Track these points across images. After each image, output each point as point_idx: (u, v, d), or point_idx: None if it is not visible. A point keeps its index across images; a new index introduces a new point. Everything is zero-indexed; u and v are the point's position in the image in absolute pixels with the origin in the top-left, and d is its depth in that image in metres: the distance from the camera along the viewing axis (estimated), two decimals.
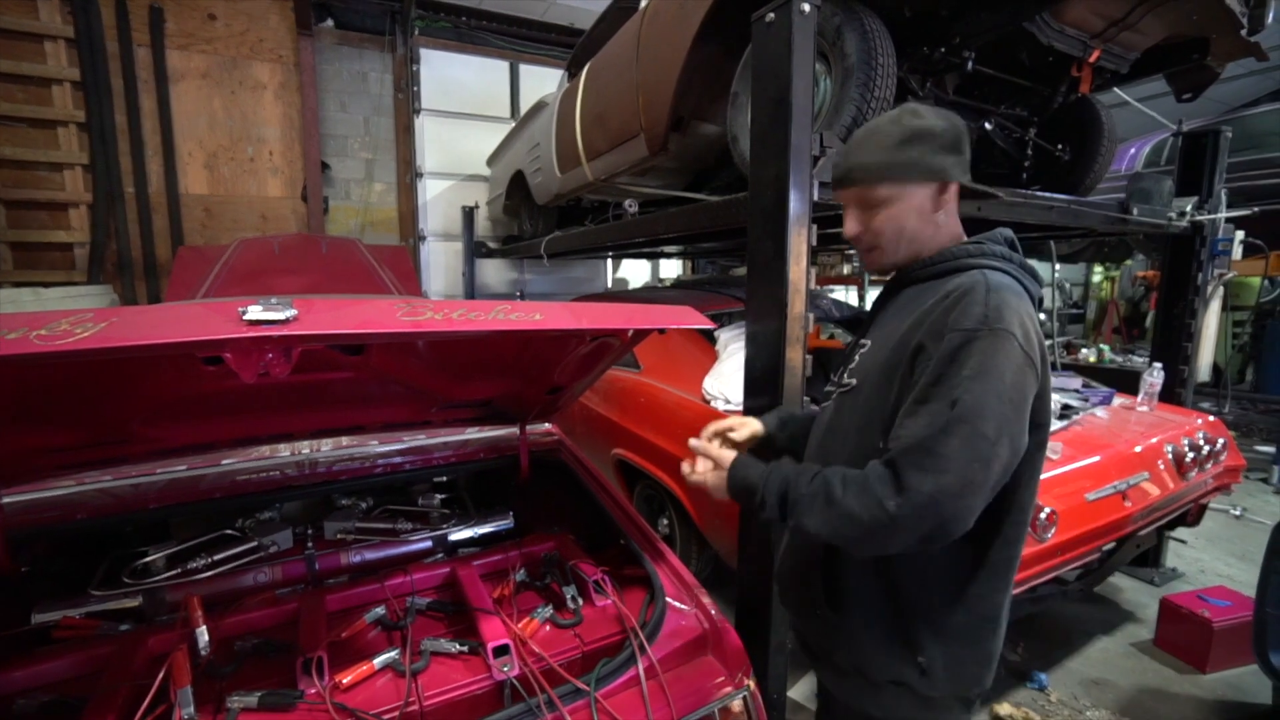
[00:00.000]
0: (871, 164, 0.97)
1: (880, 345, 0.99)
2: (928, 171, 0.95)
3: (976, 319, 0.83)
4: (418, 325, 0.88)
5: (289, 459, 1.72)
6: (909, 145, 0.94)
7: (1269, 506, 3.78)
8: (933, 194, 0.97)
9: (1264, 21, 1.95)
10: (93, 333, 0.72)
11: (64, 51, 4.42)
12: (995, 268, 0.93)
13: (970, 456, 0.78)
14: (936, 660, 0.94)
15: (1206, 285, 2.88)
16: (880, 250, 1.02)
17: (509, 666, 1.12)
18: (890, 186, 0.96)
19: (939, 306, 0.89)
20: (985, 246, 0.96)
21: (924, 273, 0.99)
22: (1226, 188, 2.91)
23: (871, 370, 0.98)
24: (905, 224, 0.98)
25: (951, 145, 0.95)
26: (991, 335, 0.82)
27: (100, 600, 1.32)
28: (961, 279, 0.91)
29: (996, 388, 0.80)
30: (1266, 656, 1.79)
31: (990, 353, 0.81)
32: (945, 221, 0.99)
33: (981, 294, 0.85)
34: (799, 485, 0.91)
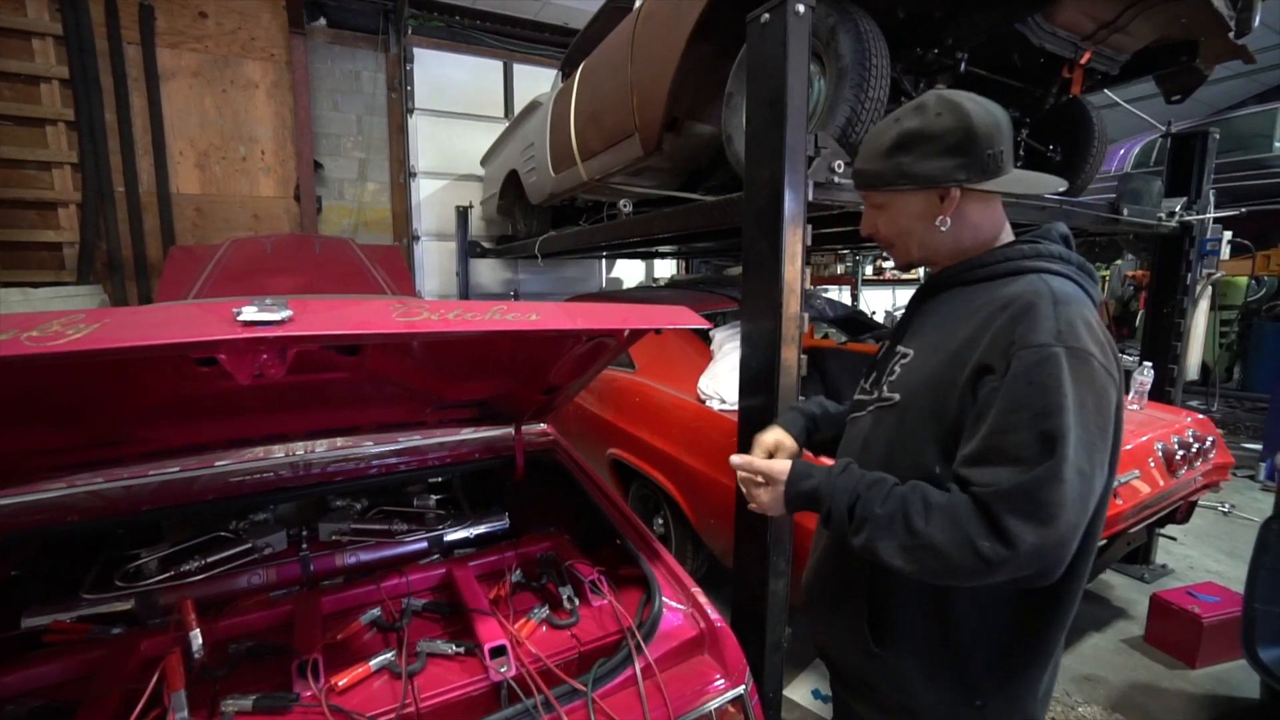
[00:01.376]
0: (864, 171, 0.95)
1: (926, 357, 0.91)
2: (918, 179, 0.89)
3: (1049, 334, 0.76)
4: (414, 326, 0.88)
5: (283, 460, 1.71)
6: (897, 152, 0.90)
7: (1256, 503, 3.83)
8: (934, 200, 0.90)
9: (1251, 24, 1.97)
10: (85, 334, 0.71)
11: (52, 49, 4.37)
12: (1055, 271, 0.86)
13: (1073, 500, 0.72)
14: (993, 702, 0.88)
15: (1195, 285, 2.92)
16: (894, 249, 1.00)
17: (506, 667, 1.11)
18: (882, 194, 0.94)
19: (999, 318, 0.81)
20: (1042, 247, 0.88)
21: (972, 275, 0.91)
22: (1214, 188, 2.94)
23: (918, 386, 0.89)
24: (907, 228, 0.94)
25: (954, 147, 0.87)
26: (1070, 356, 0.75)
27: (92, 604, 1.30)
28: (1019, 285, 0.83)
29: (1086, 418, 0.74)
30: (1255, 651, 1.81)
31: (1073, 377, 0.74)
32: (963, 225, 0.91)
33: (1049, 306, 0.78)
34: (870, 501, 0.81)
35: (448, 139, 5.58)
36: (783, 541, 1.64)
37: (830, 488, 0.87)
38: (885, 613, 0.93)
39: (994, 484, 0.74)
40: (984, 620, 0.87)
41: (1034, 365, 0.75)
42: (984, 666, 0.88)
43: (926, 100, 0.91)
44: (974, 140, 0.87)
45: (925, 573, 0.79)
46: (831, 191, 1.62)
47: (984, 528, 0.73)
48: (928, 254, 0.97)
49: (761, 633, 1.67)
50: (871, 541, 0.81)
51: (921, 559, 0.77)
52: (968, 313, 0.87)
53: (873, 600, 0.93)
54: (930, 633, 0.89)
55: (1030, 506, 0.72)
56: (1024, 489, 0.72)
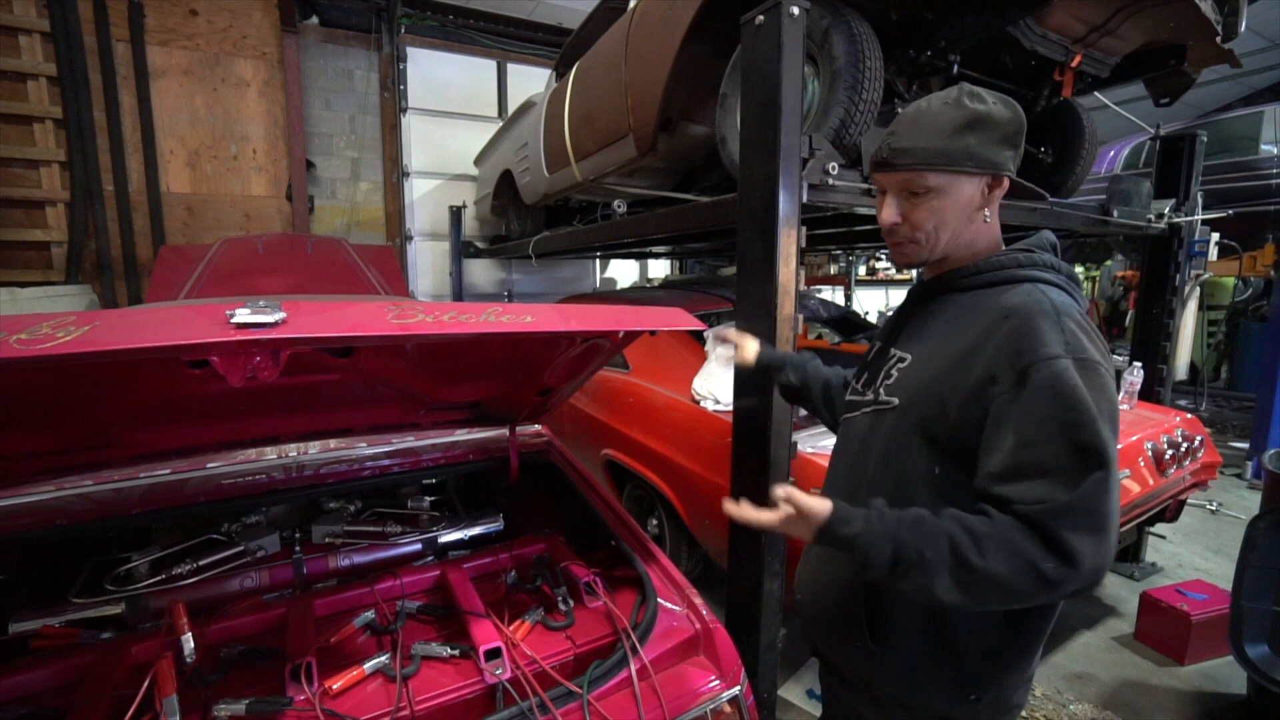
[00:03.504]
0: (924, 149, 0.86)
1: (926, 362, 0.91)
2: (984, 163, 0.86)
3: (1058, 347, 0.78)
4: (408, 328, 0.88)
5: (275, 462, 1.70)
6: (967, 132, 0.85)
7: (1243, 501, 3.87)
8: (984, 188, 0.89)
9: (1237, 29, 2.00)
10: (75, 336, 0.70)
11: (39, 46, 4.32)
12: (1050, 281, 0.87)
13: (1116, 507, 0.75)
14: (988, 694, 0.91)
15: (1184, 285, 2.95)
16: (917, 245, 0.93)
17: (501, 669, 1.11)
18: (941, 176, 0.87)
19: (1002, 328, 0.82)
20: (1036, 255, 0.89)
21: (970, 282, 0.91)
22: (1202, 190, 2.97)
23: (918, 391, 0.90)
24: (949, 218, 0.89)
25: (1011, 137, 0.87)
26: (1081, 367, 0.77)
27: (81, 608, 1.29)
28: (1019, 295, 0.84)
29: (1109, 427, 0.76)
30: (1242, 648, 1.84)
31: (1088, 386, 0.76)
32: (989, 220, 0.92)
33: (1052, 319, 0.80)
34: (917, 546, 0.78)
35: (441, 138, 5.56)
36: (777, 543, 1.65)
37: (868, 537, 0.81)
38: (883, 611, 0.93)
39: (1044, 500, 0.74)
40: (978, 617, 0.88)
41: (1052, 378, 0.76)
42: (979, 661, 0.89)
43: (970, 89, 0.89)
44: (1022, 134, 0.88)
45: (984, 604, 0.78)
46: (825, 193, 1.63)
47: (1044, 549, 0.73)
48: (954, 249, 0.93)
49: (756, 633, 1.67)
50: (925, 584, 0.78)
51: (983, 593, 0.76)
52: (968, 320, 0.88)
53: (870, 599, 0.94)
54: (927, 630, 0.91)
55: (1088, 520, 0.72)
56: (1080, 503, 0.73)
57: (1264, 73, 7.36)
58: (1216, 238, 2.97)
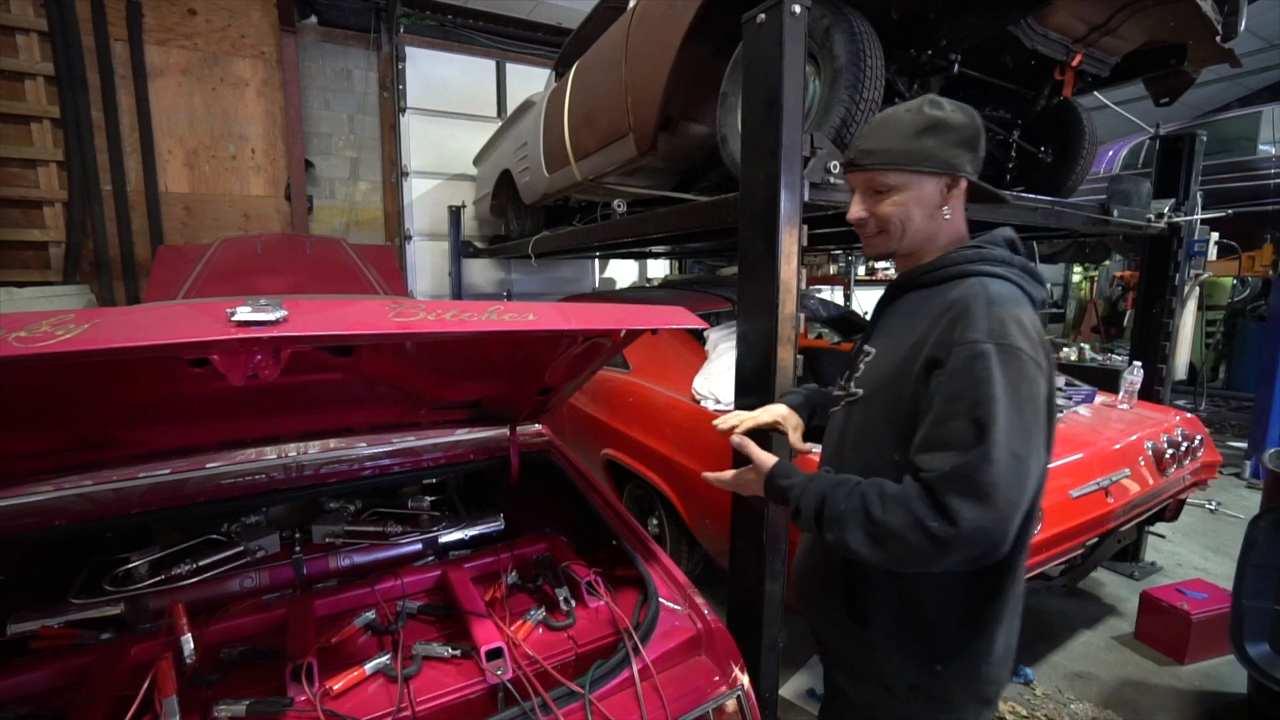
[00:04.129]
0: (885, 150, 0.96)
1: (885, 355, 1.00)
2: (940, 164, 0.95)
3: (982, 332, 0.84)
4: (409, 326, 0.87)
5: (275, 462, 1.69)
6: (925, 135, 0.94)
7: (1242, 501, 3.88)
8: (942, 187, 0.97)
9: (1237, 28, 2.00)
10: (75, 334, 0.70)
11: (37, 45, 4.30)
12: (994, 274, 0.94)
13: (1010, 479, 0.79)
14: (950, 665, 0.96)
15: (1183, 285, 2.95)
16: (885, 236, 1.01)
17: (502, 670, 1.11)
18: (900, 175, 0.96)
19: (943, 319, 0.90)
20: (985, 251, 0.96)
21: (927, 278, 1.00)
22: (1201, 190, 2.98)
23: (878, 382, 0.99)
24: (911, 213, 0.98)
25: (968, 141, 0.95)
26: (1000, 351, 0.83)
27: (80, 609, 1.28)
28: (962, 288, 0.92)
29: (1019, 405, 0.81)
30: (1242, 647, 1.84)
31: (1003, 369, 0.82)
32: (950, 218, 0.99)
33: (982, 307, 0.86)
34: (836, 500, 0.90)
35: (440, 138, 5.55)
36: (778, 543, 1.64)
37: (801, 490, 0.96)
38: (857, 589, 1.02)
39: (937, 469, 0.82)
40: (942, 596, 0.96)
41: (968, 360, 0.84)
42: (942, 636, 0.97)
43: (933, 98, 0.97)
44: (979, 139, 0.97)
45: (891, 560, 0.86)
46: (827, 192, 1.63)
47: (930, 509, 0.81)
48: (917, 243, 1.01)
49: (758, 633, 1.67)
50: (840, 535, 0.89)
51: (885, 546, 0.85)
52: (920, 315, 0.96)
53: (847, 584, 1.03)
54: (897, 610, 0.99)
55: (968, 486, 0.79)
56: (961, 471, 0.80)
57: (1262, 73, 7.38)
58: (1216, 237, 2.97)
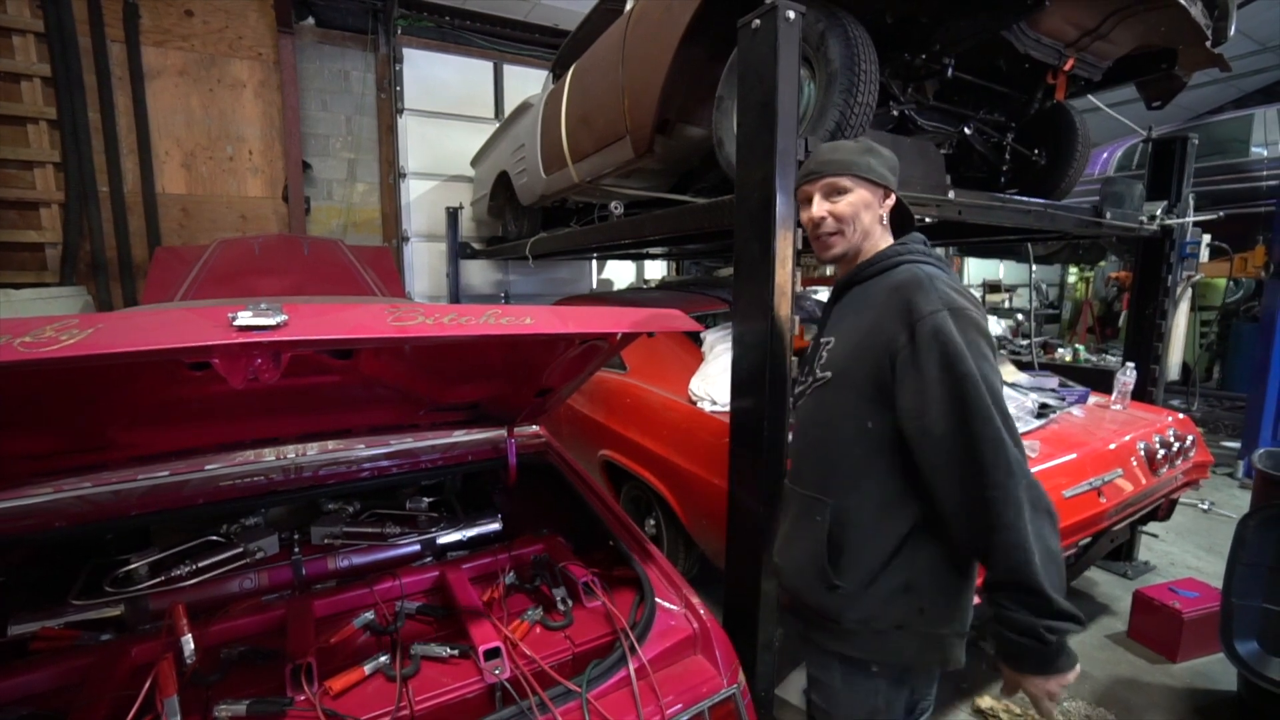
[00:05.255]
0: (843, 160, 1.17)
1: (845, 339, 1.16)
2: (879, 177, 1.17)
3: (935, 302, 1.03)
4: (409, 330, 0.89)
5: (274, 463, 1.70)
6: (868, 154, 1.18)
7: (1234, 500, 3.91)
8: (880, 197, 1.19)
9: (1227, 33, 2.02)
10: (79, 339, 0.71)
11: (33, 46, 4.30)
12: (921, 261, 1.14)
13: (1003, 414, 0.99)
14: (937, 605, 1.09)
15: (1176, 287, 2.97)
16: (841, 236, 1.19)
17: (500, 669, 1.12)
18: (854, 180, 1.17)
19: (893, 298, 1.08)
20: (910, 246, 1.18)
21: (866, 273, 1.18)
22: (1194, 192, 3.00)
23: (844, 360, 1.14)
24: (861, 214, 1.17)
25: (893, 168, 1.20)
26: (954, 314, 1.02)
27: (80, 610, 1.29)
28: (900, 274, 1.12)
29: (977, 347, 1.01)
30: (1232, 645, 1.86)
31: (961, 328, 1.01)
32: (884, 225, 1.21)
33: (927, 283, 1.06)
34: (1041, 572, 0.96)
35: (437, 140, 5.56)
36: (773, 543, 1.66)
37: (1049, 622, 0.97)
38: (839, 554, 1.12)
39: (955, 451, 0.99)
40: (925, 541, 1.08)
41: (934, 328, 1.01)
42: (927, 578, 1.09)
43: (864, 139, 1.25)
44: (897, 169, 1.23)
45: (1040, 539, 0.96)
46: None
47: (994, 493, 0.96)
48: (862, 241, 1.19)
49: (753, 632, 1.68)
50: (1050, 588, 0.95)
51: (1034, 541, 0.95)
52: (869, 301, 1.14)
53: (830, 547, 1.12)
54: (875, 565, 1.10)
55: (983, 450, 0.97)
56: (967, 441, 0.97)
57: (1255, 75, 7.43)
58: (1208, 239, 3.00)
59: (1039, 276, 9.51)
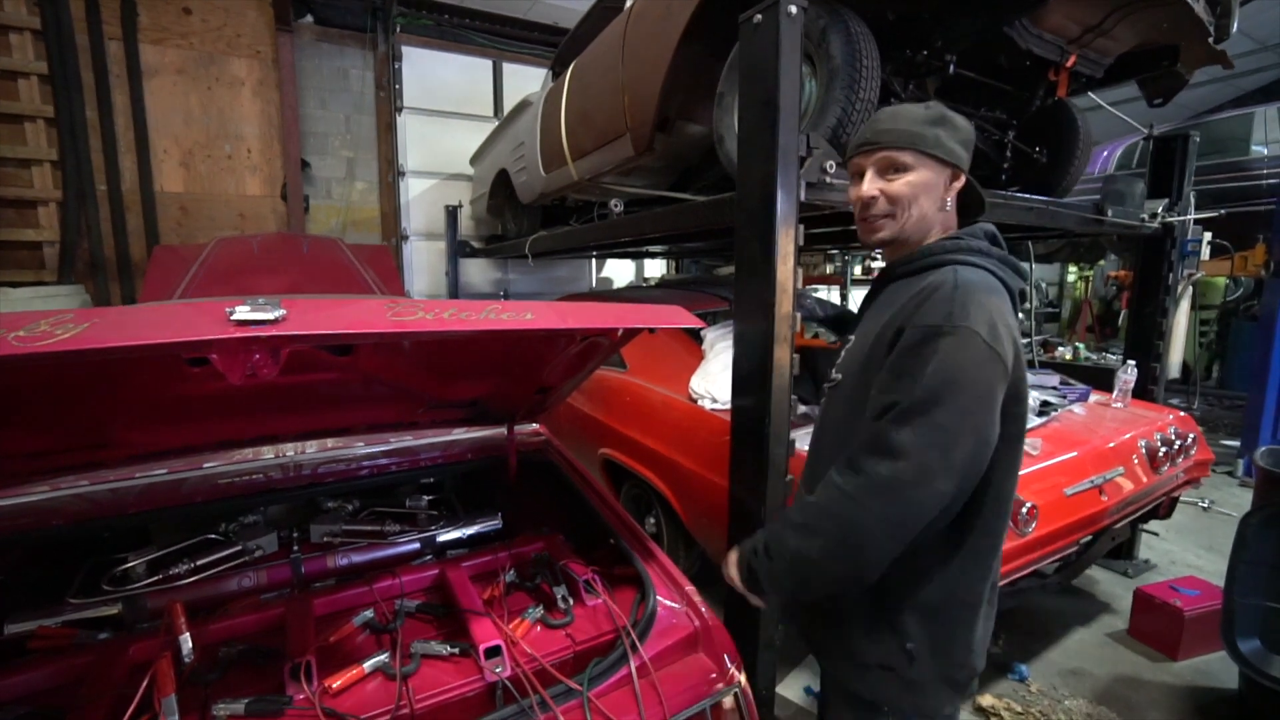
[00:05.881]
0: (905, 131, 1.00)
1: (861, 341, 1.06)
2: (948, 153, 1.00)
3: (940, 316, 0.88)
4: (408, 325, 0.88)
5: (273, 461, 1.70)
6: (937, 126, 1.00)
7: (1235, 498, 3.91)
8: (946, 178, 1.02)
9: (1229, 30, 2.01)
10: (74, 334, 0.70)
11: (31, 44, 4.28)
12: (970, 263, 0.98)
13: (926, 444, 0.84)
14: (921, 644, 0.99)
15: (1177, 285, 2.97)
16: (891, 219, 1.04)
17: (501, 668, 1.11)
18: (916, 155, 1.00)
19: (912, 302, 0.94)
20: (963, 242, 1.01)
21: (907, 268, 1.04)
22: (1194, 190, 3.00)
23: (853, 366, 1.05)
24: (919, 196, 1.01)
25: (966, 143, 1.03)
26: (954, 333, 0.86)
27: (78, 609, 1.28)
28: (934, 276, 0.96)
29: (956, 379, 0.85)
30: (1234, 643, 1.85)
31: (952, 349, 0.86)
32: (948, 210, 1.04)
33: (949, 291, 0.90)
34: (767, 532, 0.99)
35: (437, 138, 5.55)
36: None
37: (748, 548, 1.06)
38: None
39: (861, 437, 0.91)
40: (905, 570, 0.97)
41: (921, 341, 0.88)
42: (908, 612, 1.00)
43: (938, 103, 1.05)
44: (972, 144, 1.04)
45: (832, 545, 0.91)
46: (823, 192, 1.64)
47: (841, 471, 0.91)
48: (919, 228, 1.04)
49: (754, 630, 1.68)
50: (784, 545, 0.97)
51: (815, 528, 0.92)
52: (895, 301, 1.00)
53: None
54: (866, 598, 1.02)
55: (882, 445, 0.87)
56: (878, 433, 0.88)
57: (1255, 74, 7.43)
58: (1209, 237, 2.99)
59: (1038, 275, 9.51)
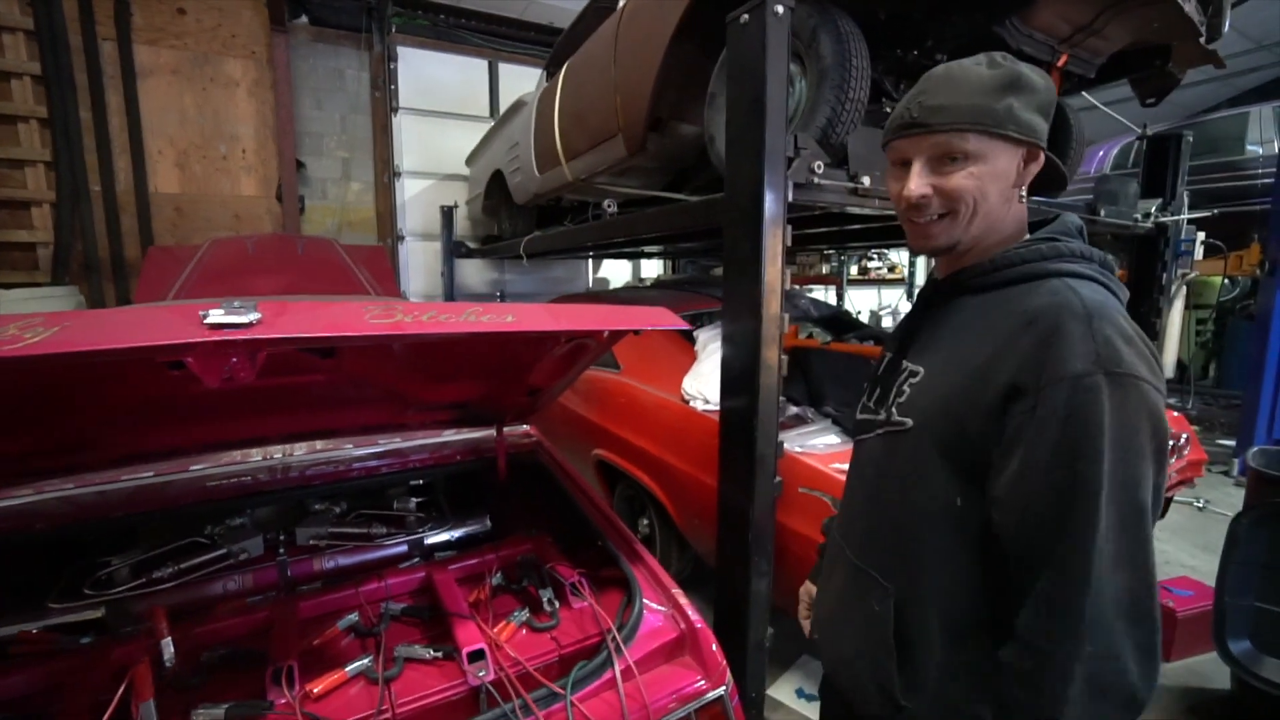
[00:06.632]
0: (965, 106, 0.74)
1: (940, 377, 0.81)
2: (1027, 129, 0.75)
3: (1086, 360, 0.66)
4: (386, 328, 0.87)
5: (261, 464, 1.69)
6: (1009, 92, 0.74)
7: (1230, 498, 3.90)
8: (1020, 162, 0.77)
9: (1221, 30, 2.01)
10: (43, 338, 0.69)
11: (24, 44, 4.27)
12: (1081, 274, 0.75)
13: (1139, 540, 0.66)
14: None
15: (1170, 285, 2.97)
16: (952, 221, 0.79)
17: (484, 671, 1.11)
18: (981, 139, 0.75)
19: (1025, 336, 0.71)
20: (1061, 245, 0.77)
21: (986, 280, 0.80)
22: (1190, 190, 3.00)
23: (932, 411, 0.80)
24: (987, 190, 0.77)
25: (1045, 107, 0.76)
26: (1111, 384, 0.65)
27: (59, 613, 1.27)
28: (1043, 295, 0.73)
29: (1137, 447, 0.66)
30: (1225, 644, 1.85)
31: (1119, 408, 0.65)
32: (1022, 200, 0.81)
33: (1082, 322, 0.68)
34: None
35: (433, 138, 5.54)
36: (764, 542, 1.65)
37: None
38: (913, 659, 0.81)
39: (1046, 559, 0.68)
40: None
41: (1073, 404, 0.66)
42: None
43: (999, 53, 0.79)
44: (1054, 107, 0.78)
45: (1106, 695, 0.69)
46: (811, 192, 1.63)
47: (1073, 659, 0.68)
48: (987, 229, 0.80)
49: (744, 632, 1.67)
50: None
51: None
52: (986, 326, 0.77)
53: (901, 647, 0.82)
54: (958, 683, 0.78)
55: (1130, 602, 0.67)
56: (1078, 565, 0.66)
57: (1251, 74, 7.43)
58: (1202, 237, 2.99)
59: None
